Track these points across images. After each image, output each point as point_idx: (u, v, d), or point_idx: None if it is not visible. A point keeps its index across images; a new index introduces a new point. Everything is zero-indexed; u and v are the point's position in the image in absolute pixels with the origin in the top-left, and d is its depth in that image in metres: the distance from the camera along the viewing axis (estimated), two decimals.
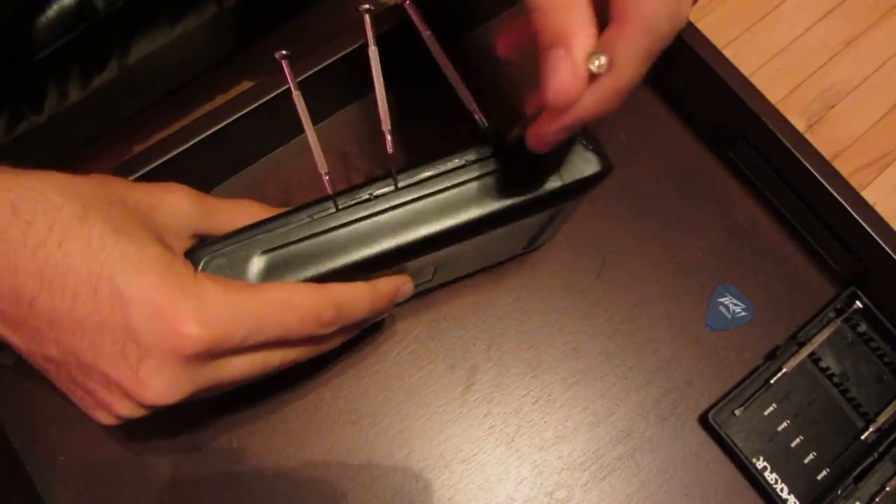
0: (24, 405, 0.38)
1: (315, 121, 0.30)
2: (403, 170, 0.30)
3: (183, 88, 0.46)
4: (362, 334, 0.40)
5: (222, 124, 0.39)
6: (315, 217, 0.29)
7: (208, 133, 0.38)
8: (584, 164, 0.31)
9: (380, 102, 0.30)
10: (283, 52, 0.29)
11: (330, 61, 0.40)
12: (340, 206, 0.30)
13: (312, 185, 0.43)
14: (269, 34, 0.48)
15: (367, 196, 0.30)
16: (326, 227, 0.29)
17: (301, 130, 0.30)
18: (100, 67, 0.41)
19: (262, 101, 0.39)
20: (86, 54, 0.40)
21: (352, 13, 0.30)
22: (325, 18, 0.50)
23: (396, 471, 0.38)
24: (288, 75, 0.29)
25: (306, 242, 0.29)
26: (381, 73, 0.30)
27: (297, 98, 0.30)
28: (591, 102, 0.24)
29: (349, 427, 0.39)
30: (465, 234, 0.31)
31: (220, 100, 0.45)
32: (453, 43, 0.47)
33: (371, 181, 0.30)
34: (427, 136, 0.44)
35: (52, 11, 0.36)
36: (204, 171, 0.33)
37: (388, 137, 0.30)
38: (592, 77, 0.24)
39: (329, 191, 0.30)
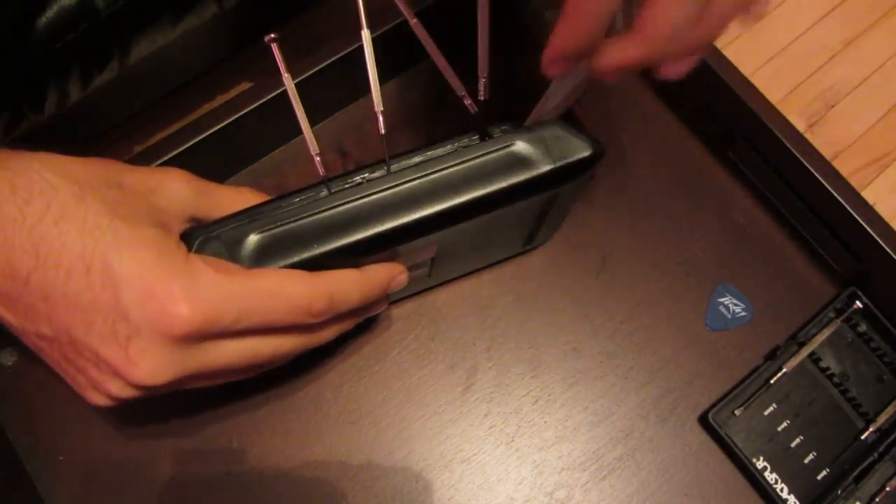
0: (24, 405, 0.38)
1: (315, 121, 0.30)
2: (397, 155, 0.31)
3: (183, 88, 0.46)
4: (362, 334, 0.40)
5: (222, 124, 0.39)
6: (308, 200, 0.30)
7: (208, 133, 0.38)
8: (574, 148, 0.31)
9: (372, 83, 0.30)
10: (273, 35, 0.29)
11: (330, 61, 0.40)
12: (333, 190, 0.30)
13: None
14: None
15: (359, 180, 0.30)
16: (319, 209, 0.29)
17: (301, 131, 0.30)
18: (100, 67, 0.41)
19: (262, 101, 0.39)
20: (86, 54, 0.40)
21: (350, 14, 0.30)
22: (325, 18, 0.50)
23: (396, 471, 0.38)
24: (278, 59, 0.29)
25: (299, 224, 0.29)
26: (373, 57, 0.30)
27: (288, 81, 0.30)
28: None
29: (349, 427, 0.39)
30: (456, 217, 0.31)
31: (220, 100, 0.45)
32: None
33: (364, 166, 0.31)
34: (422, 129, 0.44)
35: (52, 11, 0.36)
36: (203, 172, 0.33)
37: (381, 118, 0.30)
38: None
39: (321, 172, 0.30)
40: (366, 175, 0.30)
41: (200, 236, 0.29)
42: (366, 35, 0.30)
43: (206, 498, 0.37)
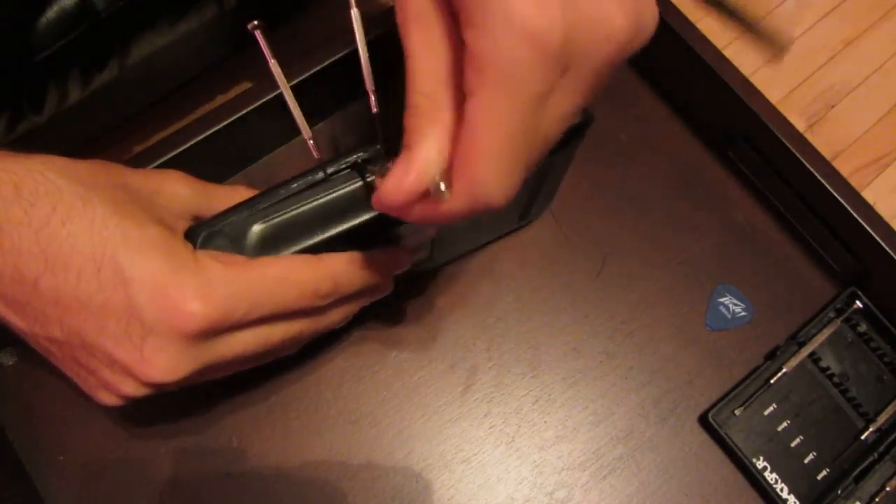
0: (24, 405, 0.38)
1: (314, 121, 0.30)
2: (392, 135, 0.31)
3: (183, 88, 0.46)
4: (363, 334, 0.40)
5: (222, 124, 0.39)
6: (306, 186, 0.30)
7: (208, 133, 0.38)
8: None
9: (363, 61, 0.30)
10: (255, 22, 0.29)
11: (329, 62, 0.40)
12: (329, 173, 0.30)
13: None
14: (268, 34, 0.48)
15: (354, 161, 0.30)
16: (318, 194, 0.30)
17: (300, 132, 0.30)
18: (100, 68, 0.41)
19: (262, 101, 0.39)
20: (86, 55, 0.40)
21: (347, 15, 0.30)
22: (324, 19, 0.50)
23: (396, 471, 0.38)
24: (262, 45, 0.29)
25: (299, 211, 0.29)
26: (363, 36, 0.30)
27: (274, 66, 0.29)
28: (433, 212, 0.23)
29: (349, 427, 0.39)
30: None
31: (220, 100, 0.45)
32: None
33: (358, 147, 0.31)
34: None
35: (52, 12, 0.36)
36: (203, 172, 0.34)
37: (373, 97, 0.30)
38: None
39: (315, 156, 0.30)
40: (361, 155, 0.30)
41: (204, 231, 0.29)
42: (355, 14, 0.30)
43: (206, 498, 0.37)
